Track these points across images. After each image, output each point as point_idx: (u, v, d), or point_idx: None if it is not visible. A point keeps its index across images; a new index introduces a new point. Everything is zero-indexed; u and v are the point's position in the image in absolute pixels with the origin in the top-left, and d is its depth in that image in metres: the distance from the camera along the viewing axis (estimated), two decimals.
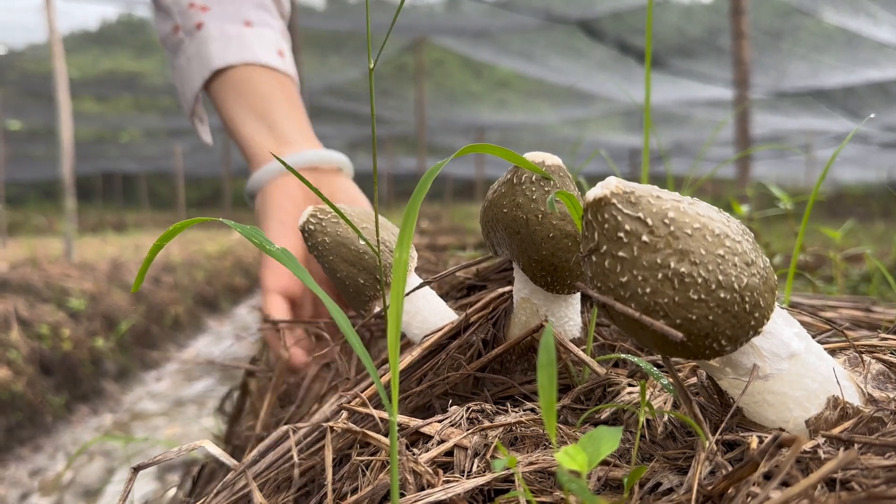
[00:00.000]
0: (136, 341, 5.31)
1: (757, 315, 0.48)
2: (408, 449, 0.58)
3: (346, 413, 0.66)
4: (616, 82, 13.31)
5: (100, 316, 5.07)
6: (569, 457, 0.44)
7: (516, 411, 0.62)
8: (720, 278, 0.47)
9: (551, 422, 0.44)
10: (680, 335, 0.46)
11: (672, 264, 0.47)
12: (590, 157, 1.33)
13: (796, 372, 0.52)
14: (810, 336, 0.54)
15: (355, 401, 0.69)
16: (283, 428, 0.70)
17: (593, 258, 0.49)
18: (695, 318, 0.47)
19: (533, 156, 0.65)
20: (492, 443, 0.57)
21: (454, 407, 0.63)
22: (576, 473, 0.45)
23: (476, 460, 0.55)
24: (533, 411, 0.63)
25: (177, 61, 1.26)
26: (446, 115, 21.17)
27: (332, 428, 0.63)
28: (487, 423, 0.59)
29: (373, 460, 0.59)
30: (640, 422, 0.54)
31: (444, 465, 0.56)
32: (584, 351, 0.70)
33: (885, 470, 0.44)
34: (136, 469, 0.60)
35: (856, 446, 0.48)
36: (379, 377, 0.46)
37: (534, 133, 23.92)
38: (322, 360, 1.05)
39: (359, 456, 0.61)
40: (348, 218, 0.58)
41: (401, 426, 0.62)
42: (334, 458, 0.64)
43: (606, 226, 0.48)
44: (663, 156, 1.43)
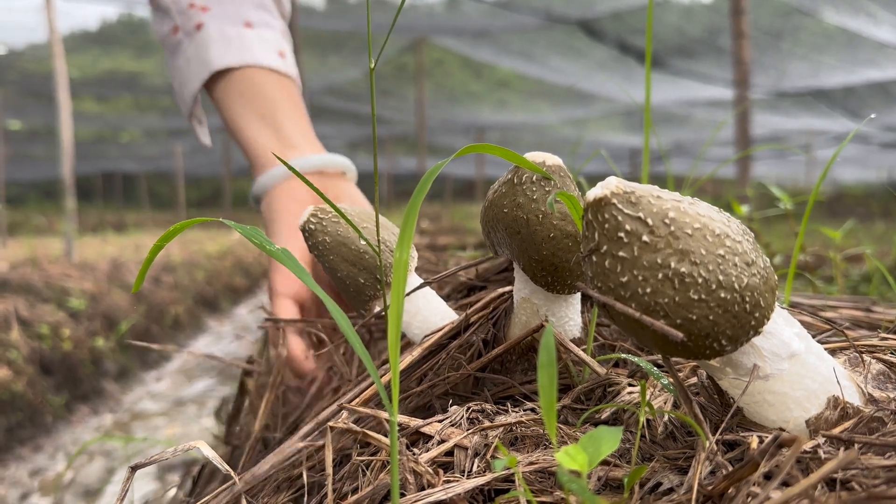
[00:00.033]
0: (135, 341, 5.31)
1: (757, 315, 0.48)
2: (408, 449, 0.58)
3: (346, 413, 0.66)
4: (616, 82, 13.31)
5: (100, 316, 5.07)
6: (569, 457, 0.44)
7: (517, 411, 0.62)
8: (720, 278, 0.47)
9: (551, 422, 0.44)
10: (680, 335, 0.46)
11: (672, 264, 0.47)
12: (590, 157, 1.33)
13: (796, 372, 0.52)
14: (810, 336, 0.54)
15: (356, 401, 0.69)
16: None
17: (594, 258, 0.49)
18: (695, 318, 0.47)
19: (533, 156, 0.65)
20: (492, 443, 0.57)
21: (454, 407, 0.63)
22: (576, 473, 0.45)
23: (476, 460, 0.55)
24: (533, 411, 0.63)
25: (175, 62, 1.24)
26: (446, 115, 21.17)
27: (332, 428, 0.63)
28: (488, 423, 0.59)
29: (373, 460, 0.59)
30: (641, 422, 0.54)
31: (445, 464, 0.56)
32: (584, 351, 0.70)
33: (885, 470, 0.44)
34: (133, 468, 0.60)
35: (856, 446, 0.48)
36: (379, 377, 0.46)
37: (534, 133, 23.92)
38: (325, 363, 1.04)
39: (359, 456, 0.61)
40: (349, 218, 0.58)
41: (401, 426, 0.62)
42: (334, 458, 0.64)
43: (607, 226, 0.48)
44: (663, 156, 1.43)
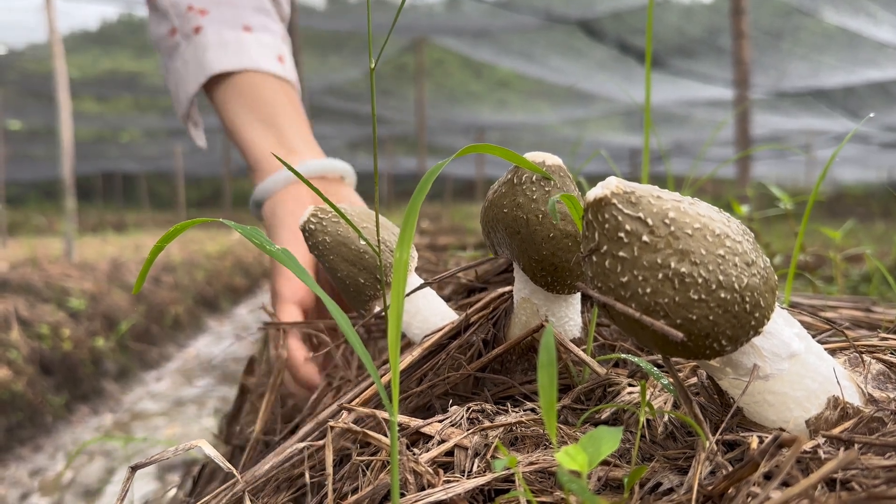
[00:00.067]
0: (136, 341, 5.31)
1: (757, 315, 0.48)
2: (408, 449, 0.58)
3: (346, 413, 0.66)
4: (616, 82, 13.31)
5: (100, 316, 5.07)
6: (569, 457, 0.44)
7: (517, 411, 0.62)
8: (721, 278, 0.47)
9: (552, 422, 0.44)
10: (680, 335, 0.46)
11: (672, 264, 0.47)
12: (590, 157, 1.33)
13: (796, 372, 0.52)
14: (810, 336, 0.54)
15: (356, 401, 0.69)
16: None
17: (594, 258, 0.49)
18: (695, 318, 0.47)
19: (533, 156, 0.65)
20: (492, 443, 0.57)
21: (454, 407, 0.63)
22: (576, 473, 0.45)
23: (476, 460, 0.55)
24: (533, 411, 0.63)
25: (172, 64, 1.24)
26: (446, 115, 21.17)
27: (332, 428, 0.63)
28: (488, 423, 0.59)
29: (373, 460, 0.59)
30: (641, 422, 0.54)
31: (445, 465, 0.56)
32: (584, 351, 0.70)
33: (885, 470, 0.44)
34: (133, 468, 0.60)
35: (856, 446, 0.48)
36: (379, 377, 0.46)
37: (534, 133, 23.92)
38: (325, 369, 1.04)
39: (359, 456, 0.61)
40: (349, 218, 0.58)
41: (401, 426, 0.62)
42: (335, 458, 0.64)
43: (607, 226, 0.48)
44: (663, 156, 1.43)
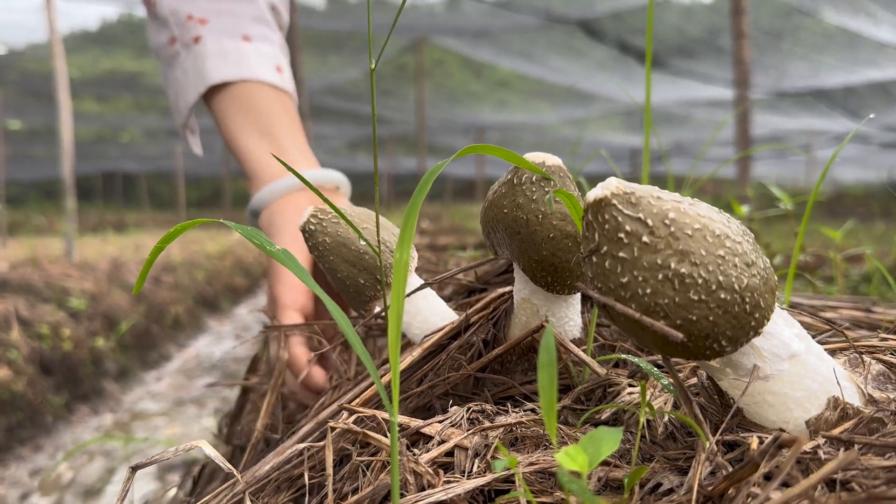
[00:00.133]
0: (136, 341, 5.31)
1: (757, 316, 0.48)
2: (408, 449, 0.58)
3: (346, 413, 0.66)
4: (616, 82, 13.31)
5: (100, 316, 5.07)
6: (569, 457, 0.44)
7: (517, 412, 0.62)
8: (721, 279, 0.47)
9: (552, 422, 0.44)
10: (680, 336, 0.46)
11: (672, 265, 0.47)
12: (590, 158, 1.33)
13: (796, 372, 0.52)
14: (810, 336, 0.54)
15: (356, 401, 0.69)
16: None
17: (594, 259, 0.49)
18: (695, 318, 0.47)
19: (533, 156, 0.65)
20: (492, 443, 0.57)
21: (455, 407, 0.63)
22: (576, 474, 0.45)
23: (476, 461, 0.55)
24: (533, 412, 0.63)
25: (171, 73, 1.25)
26: (446, 115, 21.17)
27: (332, 428, 0.63)
28: (488, 424, 0.59)
29: (373, 460, 0.59)
30: (641, 422, 0.54)
31: (445, 465, 0.56)
32: (584, 351, 0.70)
33: (885, 470, 0.44)
34: (134, 469, 0.60)
35: (856, 447, 0.48)
36: (379, 377, 0.46)
37: (534, 133, 23.92)
38: (327, 369, 1.04)
39: (359, 456, 0.61)
40: (348, 218, 0.58)
41: (401, 426, 0.62)
42: (335, 459, 0.64)
43: (607, 226, 0.48)
44: (663, 156, 1.43)
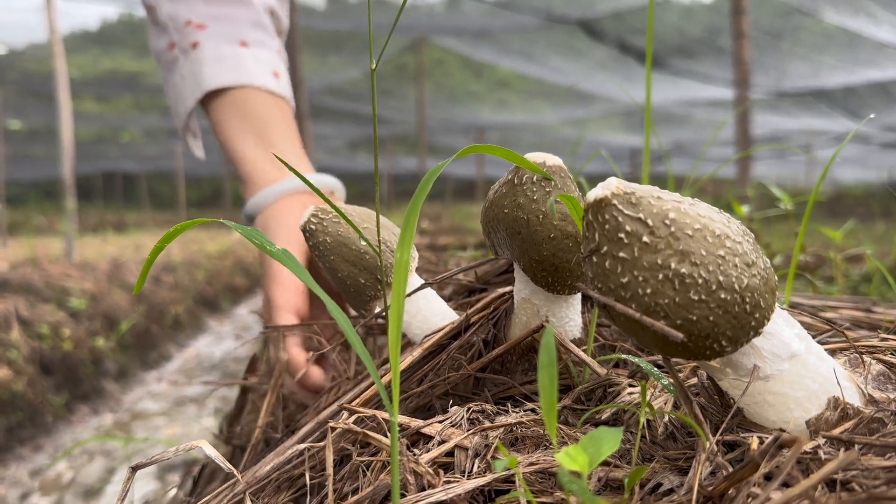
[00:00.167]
0: (136, 341, 5.31)
1: (757, 316, 0.48)
2: (409, 449, 0.58)
3: (346, 413, 0.66)
4: (616, 82, 13.31)
5: (100, 316, 5.07)
6: (569, 457, 0.44)
7: (517, 412, 0.62)
8: (721, 279, 0.47)
9: (552, 422, 0.44)
10: (680, 336, 0.46)
11: (673, 265, 0.47)
12: (590, 158, 1.33)
13: (797, 373, 0.52)
14: (811, 337, 0.54)
15: (356, 401, 0.69)
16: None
17: (594, 259, 0.49)
18: (695, 318, 0.47)
19: (534, 156, 0.65)
20: (492, 443, 0.57)
21: (455, 407, 0.63)
22: (576, 474, 0.45)
23: (477, 461, 0.55)
24: (534, 412, 0.63)
25: (171, 78, 1.26)
26: (446, 115, 21.16)
27: (332, 428, 0.63)
28: (488, 424, 0.59)
29: (373, 461, 0.59)
30: (641, 422, 0.54)
31: (445, 465, 0.56)
32: (584, 351, 0.70)
33: (885, 471, 0.44)
34: (134, 469, 0.60)
35: (856, 447, 0.48)
36: (379, 377, 0.46)
37: (534, 133, 23.91)
38: (326, 369, 1.04)
39: (359, 456, 0.61)
40: (349, 218, 0.58)
41: (401, 426, 0.62)
42: (335, 459, 0.64)
43: (607, 227, 0.48)
44: (664, 156, 1.43)
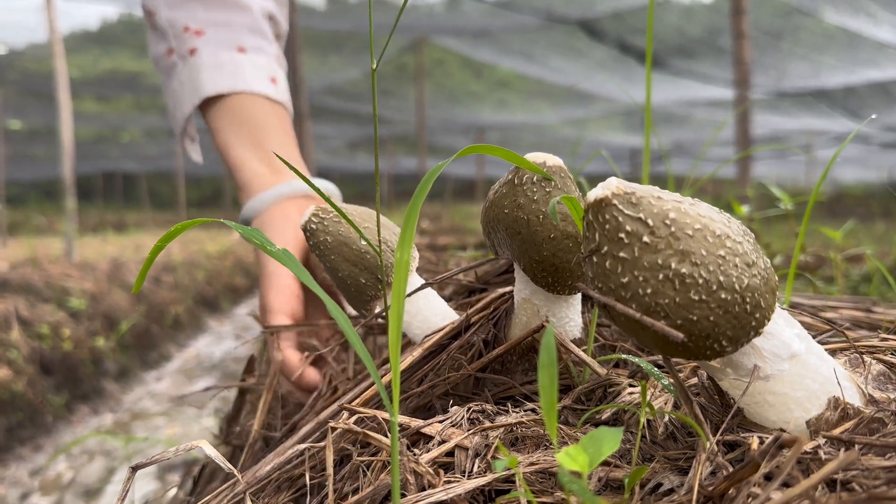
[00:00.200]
0: (136, 341, 5.31)
1: (758, 316, 0.48)
2: (409, 449, 0.58)
3: (346, 413, 0.66)
4: (616, 82, 13.31)
5: (100, 316, 5.07)
6: (570, 457, 0.44)
7: (517, 412, 0.62)
8: (721, 279, 0.47)
9: (552, 422, 0.44)
10: (681, 336, 0.46)
11: (673, 265, 0.47)
12: (590, 158, 1.33)
13: (797, 373, 0.52)
14: (811, 337, 0.54)
15: (356, 401, 0.69)
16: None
17: (594, 259, 0.49)
18: (696, 318, 0.47)
19: (534, 156, 0.65)
20: (493, 443, 0.57)
21: (455, 407, 0.63)
22: (577, 474, 0.45)
23: (477, 461, 0.55)
24: (534, 412, 0.63)
25: (170, 83, 1.26)
26: (446, 115, 21.15)
27: (332, 428, 0.63)
28: (488, 424, 0.59)
29: (374, 460, 0.59)
30: (641, 422, 0.54)
31: (445, 465, 0.56)
32: (584, 351, 0.70)
33: (885, 471, 0.44)
34: (134, 468, 0.60)
35: (856, 447, 0.48)
36: (380, 377, 0.46)
37: (534, 133, 23.91)
38: (322, 369, 1.04)
39: (360, 456, 0.61)
40: (350, 218, 0.58)
41: (402, 426, 0.62)
42: (335, 459, 0.64)
43: (607, 226, 0.48)
44: (664, 156, 1.43)
